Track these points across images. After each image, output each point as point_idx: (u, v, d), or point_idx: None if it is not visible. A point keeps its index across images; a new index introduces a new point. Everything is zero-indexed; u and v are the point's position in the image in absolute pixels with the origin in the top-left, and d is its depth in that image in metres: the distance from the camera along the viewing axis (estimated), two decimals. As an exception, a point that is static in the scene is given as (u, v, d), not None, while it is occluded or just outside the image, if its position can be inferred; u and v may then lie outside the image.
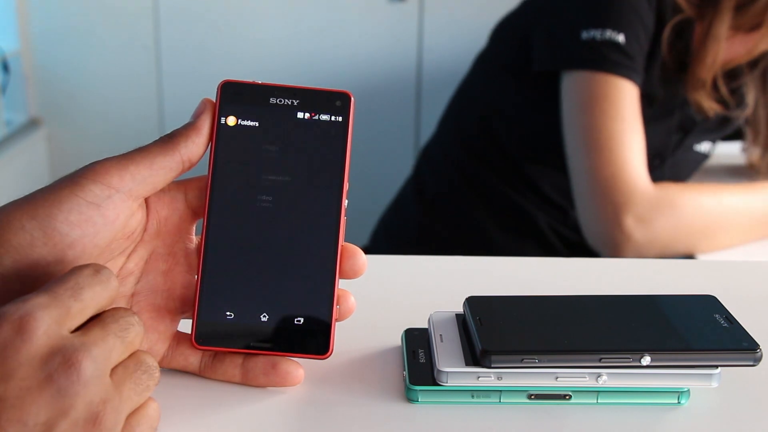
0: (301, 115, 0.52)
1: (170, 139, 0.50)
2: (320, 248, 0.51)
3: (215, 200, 0.51)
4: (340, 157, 0.52)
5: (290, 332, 0.51)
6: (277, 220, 0.51)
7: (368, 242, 1.45)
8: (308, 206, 0.51)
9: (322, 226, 0.51)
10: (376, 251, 1.38)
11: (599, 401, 0.51)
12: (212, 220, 0.51)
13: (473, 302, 0.54)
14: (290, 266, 0.51)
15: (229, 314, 0.51)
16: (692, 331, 0.51)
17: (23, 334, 0.38)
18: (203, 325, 0.51)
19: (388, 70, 2.44)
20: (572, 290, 0.66)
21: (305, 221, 0.51)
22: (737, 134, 1.36)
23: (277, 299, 0.51)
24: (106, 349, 0.41)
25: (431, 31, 2.42)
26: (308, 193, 0.51)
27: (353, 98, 0.52)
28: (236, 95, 0.52)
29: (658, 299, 0.55)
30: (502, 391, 0.50)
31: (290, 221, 0.51)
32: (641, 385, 0.50)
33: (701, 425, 0.50)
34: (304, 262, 0.51)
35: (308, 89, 0.52)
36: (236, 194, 0.51)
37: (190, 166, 0.51)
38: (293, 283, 0.51)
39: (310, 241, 0.51)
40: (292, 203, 0.51)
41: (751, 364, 0.50)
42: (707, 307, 0.54)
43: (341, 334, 0.53)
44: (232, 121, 0.51)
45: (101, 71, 2.47)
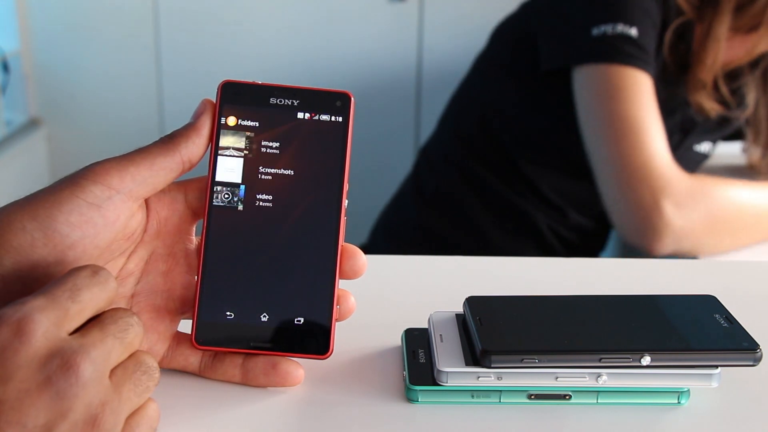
0: (301, 115, 0.52)
1: (170, 139, 0.50)
2: (320, 248, 0.51)
3: (215, 201, 0.51)
4: (340, 157, 0.52)
5: (290, 332, 0.51)
6: (277, 220, 0.51)
7: (367, 240, 1.45)
8: (308, 206, 0.51)
9: (322, 226, 0.51)
10: (374, 249, 1.38)
11: (599, 401, 0.51)
12: (212, 220, 0.51)
13: (473, 302, 0.54)
14: (290, 266, 0.51)
15: (229, 314, 0.51)
16: (692, 331, 0.51)
17: (21, 336, 0.38)
18: (203, 325, 0.51)
19: (388, 70, 2.44)
20: (572, 290, 0.66)
21: (305, 221, 0.51)
22: (737, 134, 1.36)
23: (277, 299, 0.51)
24: (104, 350, 0.41)
25: (431, 31, 2.42)
26: (308, 193, 0.51)
27: (353, 98, 0.52)
28: (236, 95, 0.52)
29: (658, 299, 0.55)
30: (502, 391, 0.50)
31: (290, 221, 0.51)
32: (641, 385, 0.50)
33: (701, 425, 0.50)
34: (304, 262, 0.51)
35: (308, 89, 0.52)
36: (236, 194, 0.51)
37: (190, 166, 0.51)
38: (293, 283, 0.51)
39: (310, 241, 0.51)
40: (292, 203, 0.51)
41: (751, 364, 0.50)
42: (707, 307, 0.54)
43: (341, 334, 0.53)
44: (232, 121, 0.52)
45: (101, 71, 2.47)
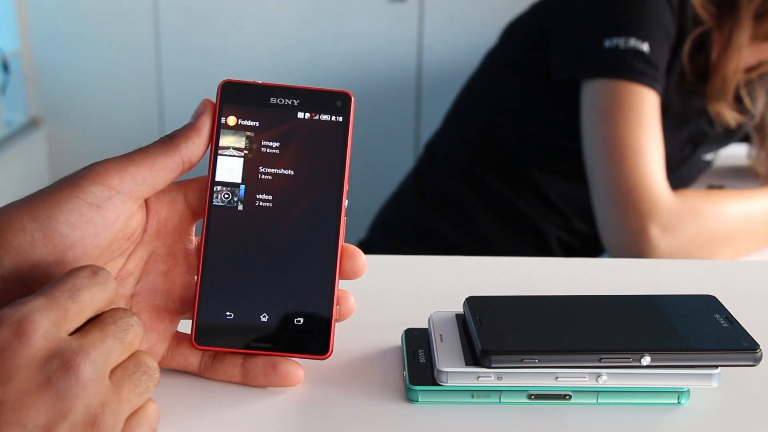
0: (301, 115, 0.52)
1: (170, 139, 0.50)
2: (320, 248, 0.51)
3: (215, 201, 0.51)
4: (340, 157, 0.52)
5: (290, 332, 0.51)
6: (277, 220, 0.51)
7: (365, 236, 1.45)
8: (308, 206, 0.51)
9: (322, 226, 0.51)
10: (372, 246, 1.38)
11: (599, 401, 0.51)
12: (212, 220, 0.51)
13: (473, 302, 0.54)
14: (290, 266, 0.51)
15: (228, 314, 0.51)
16: (692, 331, 0.51)
17: (21, 337, 0.38)
18: (203, 325, 0.51)
19: (388, 70, 2.44)
20: (572, 290, 0.66)
21: (305, 221, 0.51)
22: (741, 137, 1.35)
23: (277, 299, 0.51)
24: (104, 351, 0.41)
25: (431, 31, 2.42)
26: (308, 193, 0.51)
27: (353, 98, 0.52)
28: (236, 95, 0.52)
29: (658, 299, 0.55)
30: (502, 391, 0.50)
31: (290, 221, 0.51)
32: (641, 385, 0.50)
33: (701, 425, 0.50)
34: (304, 262, 0.51)
35: (309, 89, 0.52)
36: (236, 194, 0.51)
37: (190, 166, 0.51)
38: (293, 283, 0.51)
39: (310, 241, 0.51)
40: (292, 203, 0.51)
41: (751, 364, 0.50)
42: (707, 307, 0.54)
43: (341, 334, 0.53)
44: (232, 121, 0.52)
45: (101, 71, 2.47)
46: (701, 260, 1.03)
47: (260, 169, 0.51)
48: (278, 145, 0.52)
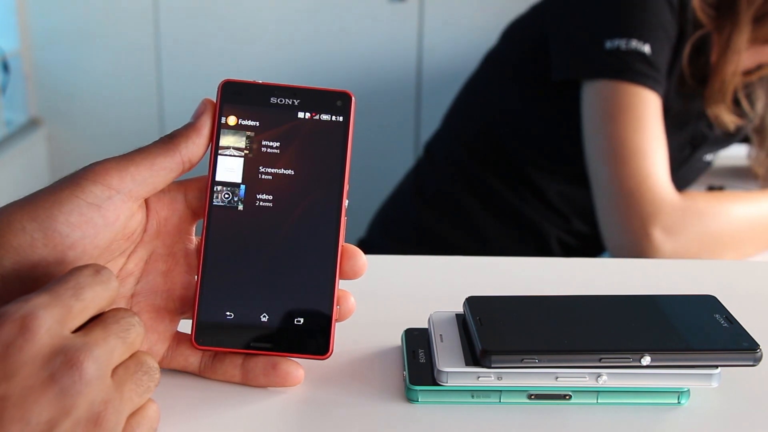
0: (301, 114, 0.52)
1: (170, 139, 0.50)
2: (320, 248, 0.51)
3: (215, 201, 0.51)
4: (340, 157, 0.52)
5: (290, 332, 0.51)
6: (277, 220, 0.51)
7: (364, 235, 1.45)
8: (308, 206, 0.51)
9: (322, 226, 0.51)
10: (371, 244, 1.38)
11: (599, 401, 0.51)
12: (212, 220, 0.51)
13: (473, 302, 0.54)
14: (290, 267, 0.51)
15: (229, 314, 0.51)
16: (692, 331, 0.51)
17: (26, 333, 0.38)
18: (203, 325, 0.51)
19: (388, 70, 2.44)
20: (572, 290, 0.66)
21: (305, 221, 0.51)
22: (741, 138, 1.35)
23: (277, 300, 0.51)
24: (107, 349, 0.41)
25: (431, 31, 2.42)
26: (309, 193, 0.51)
27: (354, 98, 0.52)
28: (237, 95, 0.52)
29: (658, 299, 0.55)
30: (502, 391, 0.50)
31: (290, 221, 0.51)
32: (641, 385, 0.50)
33: (701, 425, 0.50)
34: (304, 262, 0.51)
35: (309, 89, 0.52)
36: (236, 194, 0.51)
37: (190, 166, 0.51)
38: (293, 283, 0.51)
39: (310, 241, 0.51)
40: (292, 203, 0.51)
41: (751, 364, 0.50)
42: (707, 307, 0.54)
43: (341, 334, 0.53)
44: (232, 120, 0.52)
45: (101, 71, 2.47)
46: (701, 260, 1.03)
47: (260, 169, 0.51)
48: (278, 144, 0.52)
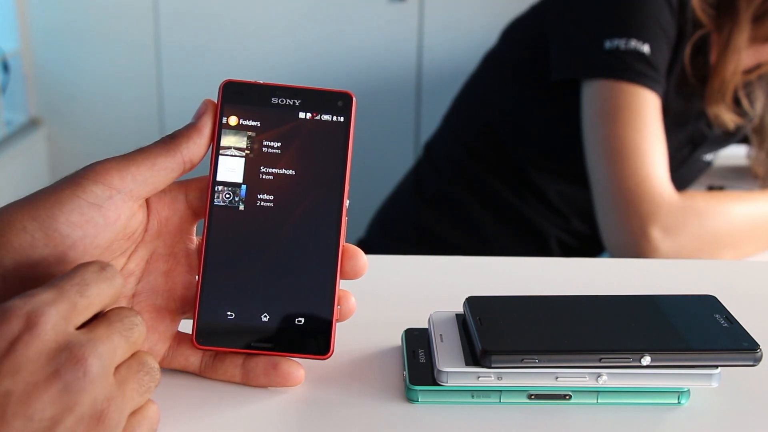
0: (302, 115, 0.52)
1: (171, 139, 0.50)
2: (321, 248, 0.51)
3: (216, 201, 0.51)
4: (341, 157, 0.52)
5: (291, 332, 0.51)
6: (278, 220, 0.51)
7: (364, 235, 1.45)
8: (309, 206, 0.51)
9: (323, 226, 0.51)
10: (371, 245, 1.38)
11: (599, 401, 0.51)
12: (213, 220, 0.51)
13: (473, 302, 0.54)
14: (291, 266, 0.51)
15: (229, 314, 0.51)
16: (692, 331, 0.52)
17: (31, 329, 0.39)
18: (204, 325, 0.51)
19: (388, 70, 2.44)
20: (572, 290, 0.66)
21: (306, 221, 0.51)
22: (741, 138, 1.35)
23: (277, 299, 0.51)
24: (111, 347, 0.41)
25: (431, 31, 2.42)
26: (309, 193, 0.51)
27: (355, 98, 0.52)
28: (238, 95, 0.52)
29: (658, 299, 0.55)
30: (502, 391, 0.50)
31: (291, 221, 0.51)
32: (641, 385, 0.50)
33: (701, 425, 0.50)
34: (305, 262, 0.51)
35: (310, 89, 0.52)
36: (237, 194, 0.51)
37: (191, 166, 0.51)
38: (294, 283, 0.51)
39: (311, 241, 0.51)
40: (293, 203, 0.51)
41: (751, 364, 0.50)
42: (707, 307, 0.54)
43: (341, 334, 0.53)
44: (233, 121, 0.52)
45: (101, 71, 2.47)
46: (702, 260, 1.03)
47: (261, 169, 0.51)
48: (279, 145, 0.52)
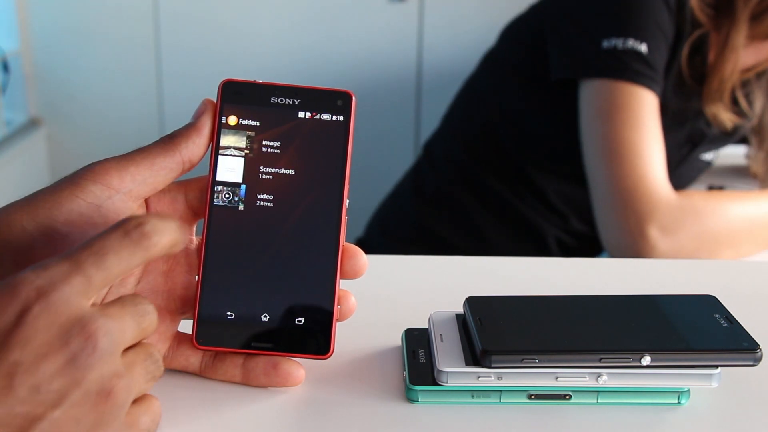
0: (302, 114, 0.52)
1: (171, 139, 0.50)
2: (321, 248, 0.51)
3: (216, 201, 0.51)
4: (341, 156, 0.52)
5: (291, 332, 0.51)
6: (277, 220, 0.51)
7: (362, 234, 1.45)
8: (309, 206, 0.51)
9: (322, 226, 0.51)
10: (370, 243, 1.38)
11: (599, 401, 0.51)
12: (213, 220, 0.51)
13: (473, 302, 0.54)
14: (291, 266, 0.51)
15: (229, 314, 0.51)
16: (692, 331, 0.51)
17: (43, 302, 0.38)
18: (204, 325, 0.51)
19: (388, 70, 2.44)
20: (572, 290, 0.66)
21: (306, 221, 0.51)
22: (741, 139, 1.35)
23: (277, 299, 0.51)
24: (122, 327, 0.41)
25: (431, 31, 2.42)
26: (309, 192, 0.51)
27: (355, 98, 0.52)
28: (237, 95, 0.52)
29: (658, 299, 0.55)
30: (502, 391, 0.50)
31: (291, 221, 0.51)
32: (641, 385, 0.50)
33: (701, 425, 0.50)
34: (304, 262, 0.51)
35: (309, 88, 0.52)
36: (237, 194, 0.51)
37: (190, 166, 0.51)
38: (294, 283, 0.51)
39: (310, 241, 0.51)
40: (292, 203, 0.51)
41: (751, 364, 0.50)
42: (707, 307, 0.54)
43: (341, 334, 0.53)
44: (233, 120, 0.51)
45: (101, 71, 2.47)
46: (701, 260, 1.03)
47: (261, 168, 0.51)
48: (279, 144, 0.52)
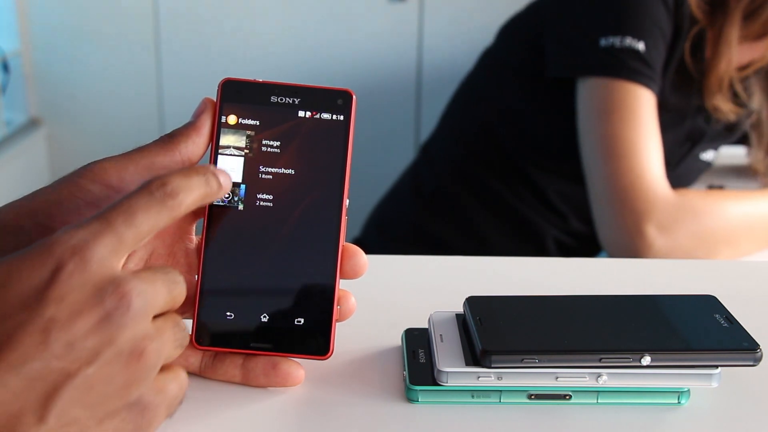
0: (302, 113, 0.52)
1: (170, 138, 0.50)
2: (321, 248, 0.51)
3: (215, 200, 0.51)
4: (341, 156, 0.51)
5: (290, 333, 0.51)
6: (277, 219, 0.51)
7: (359, 233, 1.45)
8: (309, 206, 0.51)
9: (323, 225, 0.51)
10: (367, 243, 1.38)
11: (599, 401, 0.51)
12: (212, 220, 0.51)
13: (473, 302, 0.54)
14: (291, 266, 0.51)
15: (229, 314, 0.51)
16: (692, 331, 0.51)
17: (78, 261, 0.39)
18: (204, 325, 0.51)
19: (388, 70, 2.44)
20: (572, 290, 0.66)
21: (306, 221, 0.51)
22: (741, 139, 1.35)
23: (277, 300, 0.51)
24: (154, 291, 0.41)
25: (431, 31, 2.42)
26: (309, 192, 0.51)
27: (355, 96, 0.52)
28: (237, 93, 0.52)
29: (658, 299, 0.55)
30: (502, 391, 0.50)
31: (291, 221, 0.51)
32: (641, 385, 0.50)
33: (701, 425, 0.50)
34: (304, 262, 0.51)
35: (310, 87, 0.52)
36: (237, 194, 0.51)
37: (190, 165, 0.51)
38: (294, 283, 0.51)
39: (310, 241, 0.51)
40: (292, 203, 0.51)
41: (751, 364, 0.50)
42: (707, 307, 0.54)
43: (341, 334, 0.53)
44: (232, 120, 0.51)
45: (101, 71, 2.47)
46: (701, 260, 1.03)
47: (261, 168, 0.51)
48: (279, 144, 0.51)
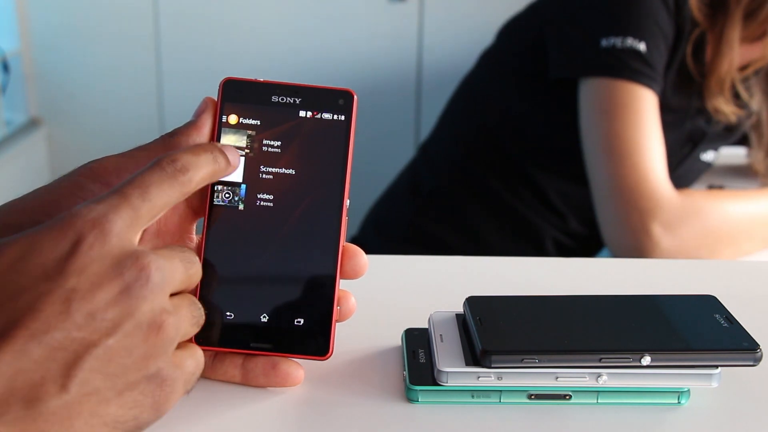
0: (303, 113, 0.52)
1: (171, 137, 0.50)
2: (321, 248, 0.51)
3: (216, 200, 0.51)
4: (342, 156, 0.51)
5: (290, 333, 0.51)
6: (278, 219, 0.51)
7: (357, 233, 1.45)
8: (309, 206, 0.51)
9: (323, 226, 0.51)
10: (364, 242, 1.38)
11: (599, 401, 0.51)
12: (213, 219, 0.51)
13: (473, 302, 0.54)
14: (291, 267, 0.51)
15: (229, 314, 0.51)
16: (692, 331, 0.51)
17: (97, 231, 0.40)
18: (203, 325, 0.51)
19: (388, 70, 2.44)
20: (572, 290, 0.66)
21: (306, 221, 0.51)
22: (741, 140, 1.36)
23: (277, 300, 0.51)
24: (172, 267, 0.42)
25: (431, 31, 2.42)
26: (309, 192, 0.51)
27: (356, 96, 0.52)
28: (238, 93, 0.51)
29: (658, 299, 0.55)
30: (502, 391, 0.50)
31: (291, 221, 0.51)
32: (641, 385, 0.50)
33: (701, 425, 0.50)
34: (304, 262, 0.51)
35: (311, 87, 0.52)
36: (237, 194, 0.51)
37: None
38: (294, 283, 0.51)
39: (311, 241, 0.51)
40: (293, 203, 0.51)
41: (751, 364, 0.50)
42: (707, 307, 0.54)
43: (341, 334, 0.53)
44: (233, 119, 0.51)
45: (101, 71, 2.47)
46: (702, 260, 1.03)
47: (261, 168, 0.51)
48: (280, 144, 0.51)
